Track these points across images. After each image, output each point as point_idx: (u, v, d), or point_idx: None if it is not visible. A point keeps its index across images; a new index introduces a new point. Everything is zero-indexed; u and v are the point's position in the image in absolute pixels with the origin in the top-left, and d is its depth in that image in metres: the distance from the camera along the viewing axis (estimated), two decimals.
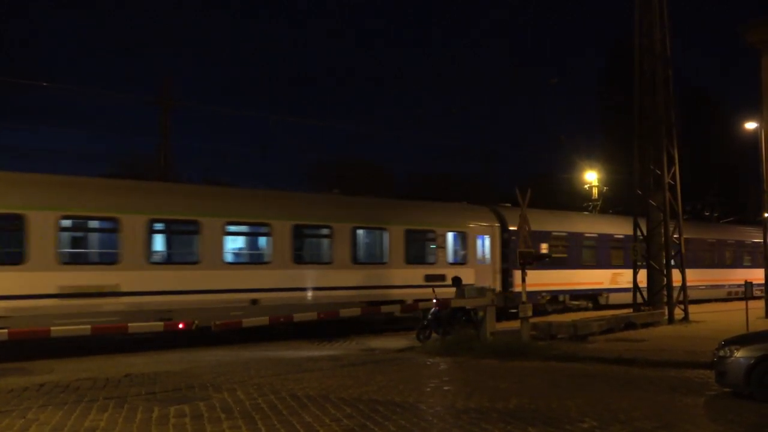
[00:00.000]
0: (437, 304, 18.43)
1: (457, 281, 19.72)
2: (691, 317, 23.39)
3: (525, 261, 17.86)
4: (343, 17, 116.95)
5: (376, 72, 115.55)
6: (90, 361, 15.30)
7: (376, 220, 22.60)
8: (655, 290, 23.73)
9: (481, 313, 17.46)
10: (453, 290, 19.19)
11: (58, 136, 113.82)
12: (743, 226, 40.87)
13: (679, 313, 23.39)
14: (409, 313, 19.98)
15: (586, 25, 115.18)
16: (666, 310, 23.18)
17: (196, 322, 13.84)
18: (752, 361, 10.16)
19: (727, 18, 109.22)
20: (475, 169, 78.50)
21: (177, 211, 18.68)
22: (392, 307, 18.94)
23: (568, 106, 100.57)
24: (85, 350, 16.43)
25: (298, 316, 15.50)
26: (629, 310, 23.66)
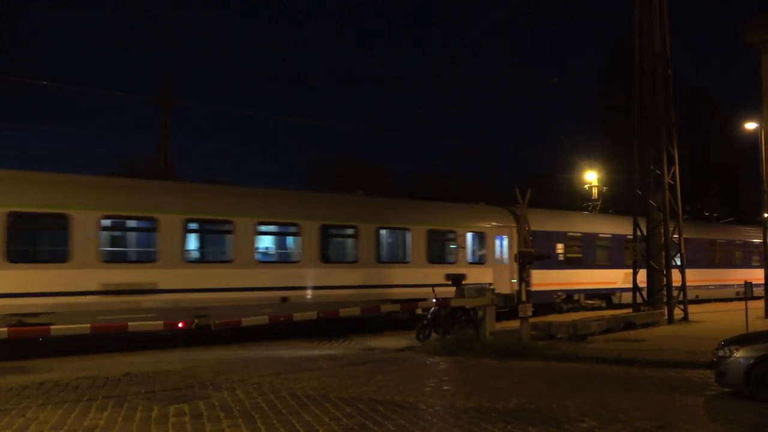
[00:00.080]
0: (437, 304, 18.42)
1: (457, 281, 19.71)
2: (691, 317, 23.42)
3: (524, 260, 17.93)
4: (343, 17, 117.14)
5: (376, 72, 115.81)
6: (89, 360, 15.31)
7: (400, 220, 22.94)
8: (655, 290, 23.73)
9: (481, 313, 17.47)
10: (453, 290, 19.19)
11: (58, 135, 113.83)
12: (743, 226, 40.87)
13: (678, 313, 23.40)
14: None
15: (586, 25, 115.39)
16: (666, 310, 23.20)
17: (196, 321, 13.88)
18: (752, 361, 10.17)
19: (727, 18, 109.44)
20: (475, 169, 78.50)
21: (211, 211, 19.00)
22: (392, 307, 18.94)
23: (568, 106, 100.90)
24: (85, 349, 16.43)
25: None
26: (629, 310, 23.70)
